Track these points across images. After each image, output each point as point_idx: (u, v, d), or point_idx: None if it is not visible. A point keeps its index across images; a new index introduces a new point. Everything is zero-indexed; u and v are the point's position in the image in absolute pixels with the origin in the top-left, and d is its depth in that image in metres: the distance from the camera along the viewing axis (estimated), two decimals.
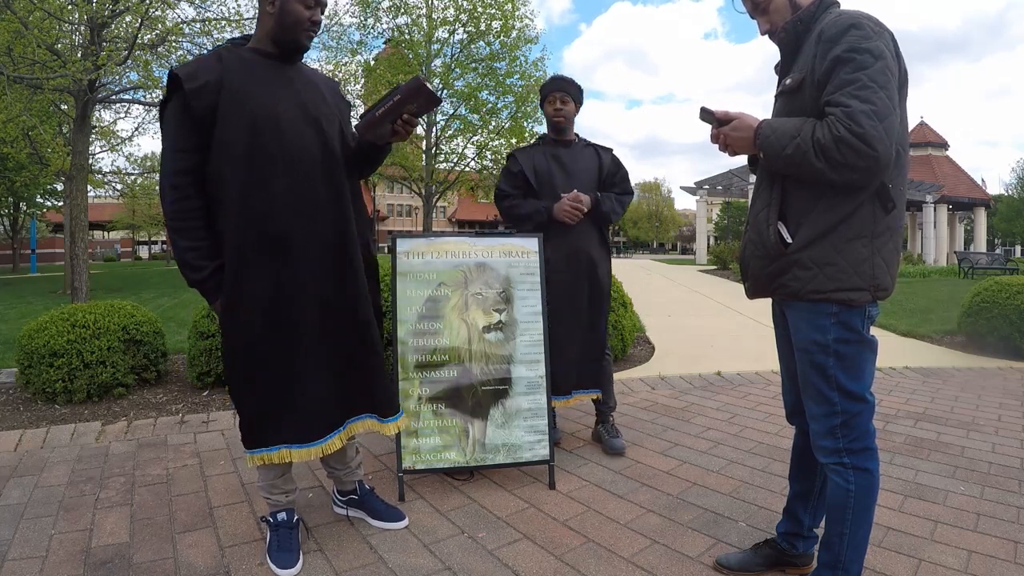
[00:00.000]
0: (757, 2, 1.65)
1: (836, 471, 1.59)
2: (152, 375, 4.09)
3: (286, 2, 1.83)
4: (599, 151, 3.07)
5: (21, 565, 1.94)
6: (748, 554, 1.93)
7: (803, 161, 1.45)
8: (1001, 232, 42.99)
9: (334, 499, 2.33)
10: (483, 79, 15.79)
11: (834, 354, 1.54)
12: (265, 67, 1.88)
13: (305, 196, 1.88)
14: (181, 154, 1.80)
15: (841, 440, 1.57)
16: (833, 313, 1.53)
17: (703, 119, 1.69)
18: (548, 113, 3.01)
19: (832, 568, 1.61)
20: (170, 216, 1.81)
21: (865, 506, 1.58)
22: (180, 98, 1.77)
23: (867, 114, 1.37)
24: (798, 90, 1.54)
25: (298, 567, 1.91)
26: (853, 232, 1.49)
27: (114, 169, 17.35)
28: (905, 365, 4.97)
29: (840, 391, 1.55)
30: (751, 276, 1.70)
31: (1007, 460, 2.89)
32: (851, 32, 1.43)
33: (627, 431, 3.25)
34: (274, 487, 2.01)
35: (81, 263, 8.70)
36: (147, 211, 34.42)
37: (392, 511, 2.25)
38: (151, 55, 8.20)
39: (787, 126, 1.50)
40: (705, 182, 26.20)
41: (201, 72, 1.77)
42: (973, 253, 19.52)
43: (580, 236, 2.89)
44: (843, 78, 1.41)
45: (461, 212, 58.01)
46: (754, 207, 1.70)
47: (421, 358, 2.49)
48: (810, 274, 1.52)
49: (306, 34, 1.89)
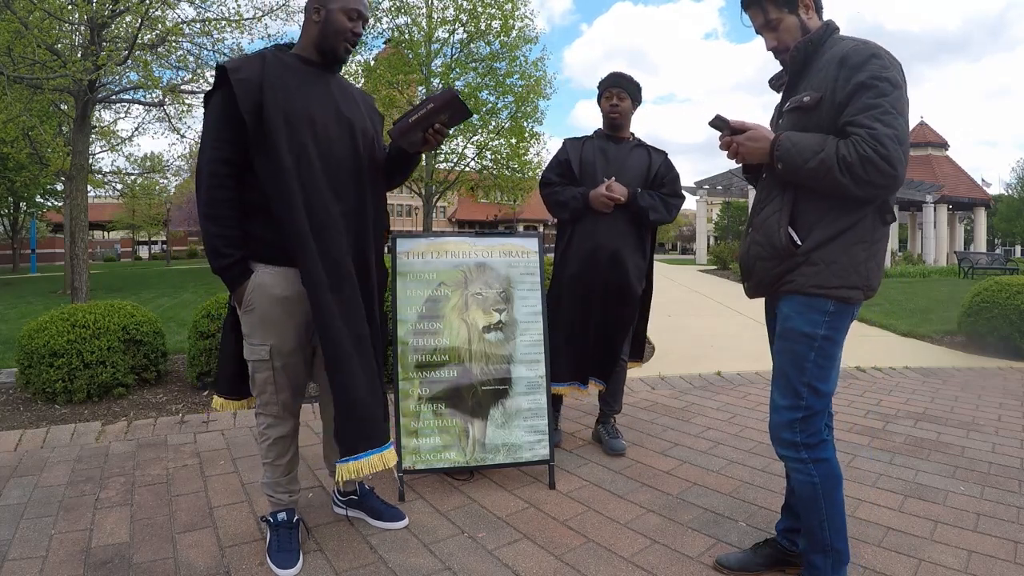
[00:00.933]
0: (770, 20, 1.74)
1: (797, 469, 1.69)
2: (152, 375, 4.09)
3: (331, 12, 1.93)
4: (651, 152, 3.00)
5: (21, 565, 1.94)
6: (748, 554, 1.95)
7: (827, 175, 1.56)
8: (1001, 232, 42.99)
9: (334, 499, 2.33)
10: (483, 79, 15.79)
11: (817, 349, 1.64)
12: (306, 72, 1.96)
13: (335, 198, 1.94)
14: (221, 144, 1.85)
15: (799, 434, 1.67)
16: (828, 311, 1.63)
17: (715, 125, 1.76)
18: (604, 109, 2.95)
19: (823, 552, 1.69)
20: (204, 203, 1.87)
21: (833, 491, 1.68)
22: (225, 90, 1.83)
23: (892, 138, 1.49)
24: (815, 108, 1.64)
25: (298, 567, 1.92)
26: (856, 238, 1.62)
27: (114, 169, 17.35)
28: (905, 365, 4.97)
29: (809, 387, 1.66)
30: (755, 276, 1.77)
31: (1007, 460, 2.89)
32: (873, 61, 1.56)
33: (627, 431, 3.25)
34: (278, 485, 2.02)
35: (81, 263, 8.71)
36: (147, 211, 34.42)
37: (392, 511, 2.25)
38: (151, 55, 8.21)
39: (808, 141, 1.60)
40: (705, 182, 26.18)
41: (245, 68, 1.85)
42: (973, 253, 19.51)
43: (608, 232, 2.81)
44: (866, 102, 1.53)
45: (461, 212, 57.97)
46: (760, 211, 1.76)
47: (421, 358, 2.49)
48: (816, 270, 1.62)
49: (344, 45, 1.97)
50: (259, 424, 2.03)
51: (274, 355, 1.93)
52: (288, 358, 1.96)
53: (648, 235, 2.98)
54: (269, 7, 9.62)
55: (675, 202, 2.95)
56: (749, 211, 1.92)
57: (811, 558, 1.72)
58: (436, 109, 1.94)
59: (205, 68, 9.30)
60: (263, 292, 1.90)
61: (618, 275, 2.83)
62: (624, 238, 2.85)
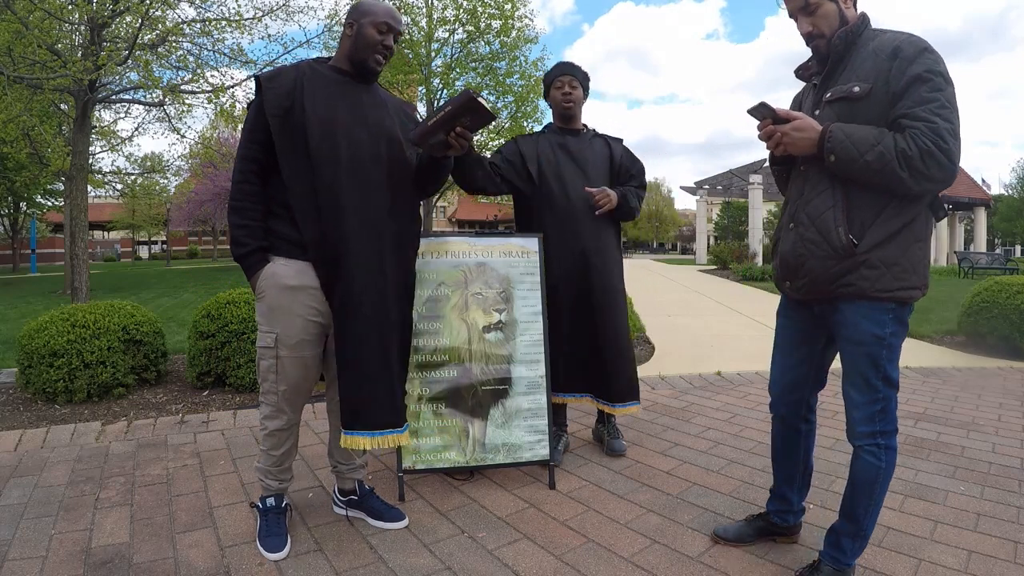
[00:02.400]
0: (808, 4, 1.70)
1: (871, 451, 1.71)
2: (152, 375, 4.10)
3: (363, 26, 2.05)
4: (609, 141, 2.93)
5: (21, 565, 1.94)
6: (743, 525, 2.09)
7: (884, 168, 1.54)
8: (1001, 232, 42.98)
9: (335, 499, 2.34)
10: (483, 79, 15.78)
11: (888, 346, 1.67)
12: (340, 83, 2.08)
13: (360, 204, 2.03)
14: (251, 144, 2.00)
15: (878, 424, 1.71)
16: (891, 309, 1.65)
17: (755, 113, 1.70)
18: (556, 99, 2.84)
19: (853, 537, 1.76)
20: (232, 195, 2.02)
21: (888, 479, 1.74)
22: (260, 98, 1.98)
23: (951, 132, 1.51)
24: (865, 98, 1.61)
25: (286, 551, 2.00)
26: (914, 236, 1.63)
27: (114, 169, 17.30)
28: (905, 365, 4.97)
29: (885, 380, 1.69)
30: (806, 274, 1.73)
31: (1007, 460, 2.89)
32: (926, 55, 1.56)
33: (627, 431, 3.25)
34: (269, 473, 2.11)
35: (81, 263, 8.70)
36: (147, 211, 34.42)
37: (392, 511, 2.26)
38: (151, 55, 8.19)
39: (863, 133, 1.57)
40: (705, 182, 26.15)
41: (279, 77, 2.00)
42: (973, 253, 19.50)
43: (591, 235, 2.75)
44: (923, 95, 1.53)
45: (461, 212, 57.98)
46: (809, 207, 1.71)
47: (421, 358, 2.49)
48: (877, 273, 1.62)
49: (374, 57, 2.08)
50: (260, 412, 2.12)
51: (279, 343, 2.00)
52: (293, 350, 2.01)
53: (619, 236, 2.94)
54: (269, 7, 9.61)
55: (643, 194, 2.95)
56: (787, 205, 1.85)
57: (842, 540, 1.77)
58: (454, 112, 1.97)
59: (205, 68, 9.30)
60: (274, 281, 1.99)
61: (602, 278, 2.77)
62: (604, 240, 2.80)
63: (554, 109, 2.90)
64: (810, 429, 2.00)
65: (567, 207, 2.77)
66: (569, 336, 2.80)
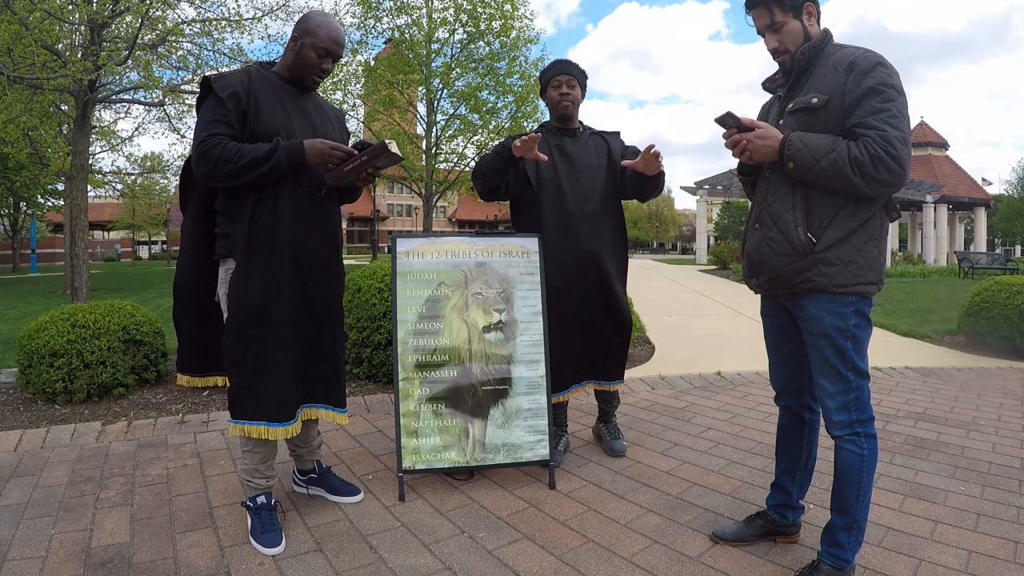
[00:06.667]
0: (775, 22, 1.81)
1: (852, 441, 1.78)
2: (152, 375, 4.10)
3: (304, 47, 2.12)
4: (607, 138, 2.88)
5: (21, 565, 1.94)
6: (742, 525, 2.11)
7: (837, 174, 1.65)
8: (1001, 232, 42.97)
9: (295, 478, 2.48)
10: (483, 79, 15.76)
11: (852, 337, 1.76)
12: (285, 91, 2.17)
13: (306, 206, 2.14)
14: (211, 124, 1.98)
15: (854, 413, 1.77)
16: (852, 303, 1.75)
17: (722, 122, 1.79)
18: (553, 99, 2.78)
19: (848, 530, 1.79)
20: (215, 161, 1.94)
21: (873, 467, 1.79)
22: (214, 97, 2.00)
23: (900, 140, 1.61)
24: (822, 109, 1.73)
25: (283, 545, 2.04)
26: (868, 236, 1.74)
27: (114, 169, 17.33)
28: (905, 365, 4.97)
29: (854, 370, 1.77)
30: (769, 271, 1.83)
31: (1007, 460, 2.89)
32: (879, 68, 1.67)
33: (627, 431, 3.25)
34: (256, 472, 2.16)
35: (81, 263, 8.70)
36: (147, 211, 34.42)
37: (348, 487, 2.43)
38: (151, 55, 8.20)
39: (819, 141, 1.69)
40: (705, 182, 26.16)
41: (231, 79, 2.04)
42: (973, 253, 19.51)
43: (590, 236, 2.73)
44: (875, 106, 1.64)
45: (461, 212, 58.00)
46: (770, 208, 1.82)
47: (421, 358, 2.49)
48: (835, 270, 1.72)
49: (311, 78, 2.17)
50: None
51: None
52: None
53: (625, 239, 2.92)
54: (269, 7, 9.62)
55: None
56: (753, 208, 1.97)
57: (838, 535, 1.79)
58: (369, 160, 2.07)
59: (205, 68, 9.31)
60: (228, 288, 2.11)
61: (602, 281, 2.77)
62: (602, 242, 2.78)
63: (551, 109, 2.86)
64: (814, 419, 2.03)
65: (565, 210, 2.74)
66: (570, 336, 2.79)
